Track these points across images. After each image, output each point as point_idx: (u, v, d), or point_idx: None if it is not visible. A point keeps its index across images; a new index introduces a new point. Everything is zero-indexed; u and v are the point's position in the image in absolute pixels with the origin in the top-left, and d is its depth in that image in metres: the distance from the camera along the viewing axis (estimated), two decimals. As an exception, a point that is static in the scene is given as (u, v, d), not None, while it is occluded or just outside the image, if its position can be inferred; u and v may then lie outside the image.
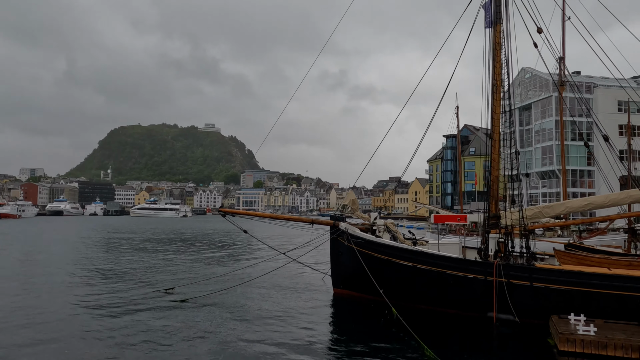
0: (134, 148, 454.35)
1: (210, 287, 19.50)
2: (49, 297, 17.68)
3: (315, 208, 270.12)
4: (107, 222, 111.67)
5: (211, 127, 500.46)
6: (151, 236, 56.70)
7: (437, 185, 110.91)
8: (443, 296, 15.27)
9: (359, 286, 17.72)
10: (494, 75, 17.44)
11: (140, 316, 14.76)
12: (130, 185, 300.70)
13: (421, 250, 15.77)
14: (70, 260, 29.48)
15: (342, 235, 17.85)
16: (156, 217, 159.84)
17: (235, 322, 14.27)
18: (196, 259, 31.02)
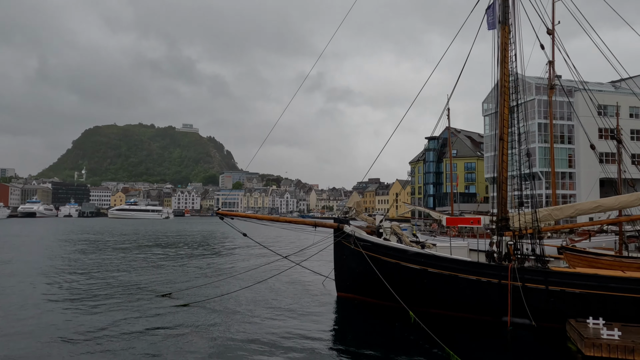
0: (109, 148, 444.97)
1: (209, 291, 18.83)
2: (37, 304, 16.72)
3: (296, 209, 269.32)
4: (84, 224, 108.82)
5: (189, 128, 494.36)
6: (138, 239, 55.25)
7: (419, 187, 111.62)
8: (455, 300, 14.97)
9: (365, 290, 17.33)
10: (501, 76, 17.23)
11: (140, 322, 14.01)
12: (106, 186, 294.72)
13: (433, 254, 15.45)
14: (55, 264, 28.27)
15: (347, 239, 17.41)
16: (137, 219, 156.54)
17: (242, 328, 13.67)
18: (190, 262, 30.10)
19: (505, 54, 16.92)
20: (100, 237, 56.63)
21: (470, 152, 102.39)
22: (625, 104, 65.23)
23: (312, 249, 18.60)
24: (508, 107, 17.50)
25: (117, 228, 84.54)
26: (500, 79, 17.33)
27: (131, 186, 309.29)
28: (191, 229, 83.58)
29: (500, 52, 17.08)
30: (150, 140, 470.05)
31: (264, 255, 33.47)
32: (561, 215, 16.50)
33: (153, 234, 65.54)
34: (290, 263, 19.27)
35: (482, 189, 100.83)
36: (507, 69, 17.10)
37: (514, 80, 16.67)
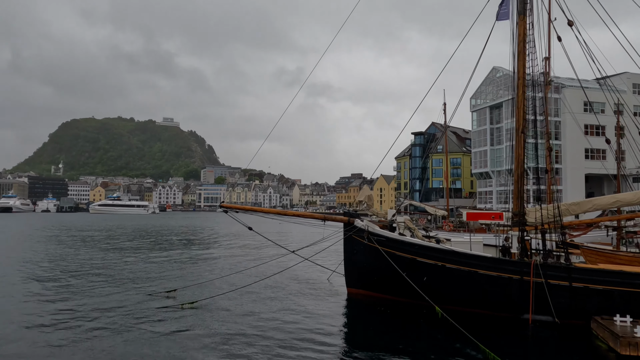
0: (87, 142, 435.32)
1: (214, 289, 18.14)
2: (38, 304, 15.81)
3: (279, 204, 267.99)
4: (66, 219, 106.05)
5: (170, 122, 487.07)
6: (130, 235, 53.88)
7: (405, 182, 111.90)
8: (474, 297, 14.62)
9: (378, 286, 16.88)
10: (519, 68, 16.88)
11: (149, 322, 13.27)
12: (85, 180, 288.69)
13: (452, 249, 15.06)
14: (45, 263, 27.14)
15: (359, 233, 16.91)
16: (122, 214, 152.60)
17: (252, 327, 13.06)
18: (192, 258, 29.18)
19: (523, 45, 16.54)
20: (89, 234, 55.08)
21: (455, 148, 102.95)
22: (610, 101, 66.14)
23: (319, 244, 18.05)
24: (524, 99, 17.07)
25: (103, 224, 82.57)
26: (518, 70, 16.93)
27: (110, 181, 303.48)
28: (185, 224, 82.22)
29: (517, 43, 16.69)
30: (130, 134, 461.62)
31: (268, 249, 32.89)
32: (579, 210, 16.29)
33: (145, 230, 64.10)
34: (297, 258, 18.66)
35: (468, 184, 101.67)
36: (525, 60, 16.70)
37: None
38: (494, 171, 71.84)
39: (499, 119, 71.45)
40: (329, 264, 21.88)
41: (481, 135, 74.64)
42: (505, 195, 71.88)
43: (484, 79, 73.58)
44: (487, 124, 72.48)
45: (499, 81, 70.95)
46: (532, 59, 16.17)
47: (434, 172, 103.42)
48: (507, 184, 63.56)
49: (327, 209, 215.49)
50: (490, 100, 72.67)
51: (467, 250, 15.18)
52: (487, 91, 73.47)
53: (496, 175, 71.69)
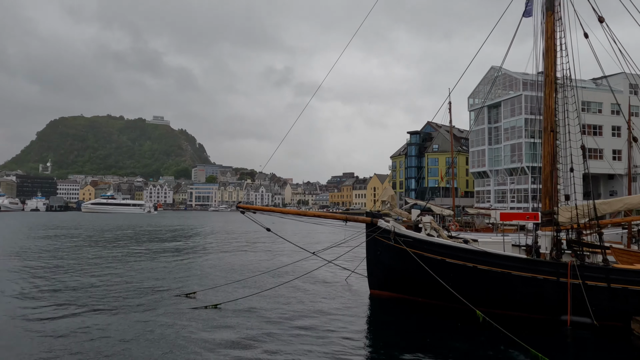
0: (76, 140, 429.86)
1: (236, 291, 17.67)
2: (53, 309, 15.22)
3: (271, 203, 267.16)
4: (60, 218, 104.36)
5: (160, 120, 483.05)
6: (134, 234, 53.04)
7: (401, 181, 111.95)
8: (508, 298, 14.34)
9: (404, 288, 16.56)
10: (546, 65, 16.63)
11: (175, 325, 12.78)
12: (74, 179, 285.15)
13: (484, 250, 14.75)
14: (50, 263, 26.42)
15: (383, 234, 16.55)
16: (117, 213, 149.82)
17: (283, 330, 12.65)
18: (207, 260, 28.47)
19: (551, 42, 16.28)
20: (87, 233, 54.16)
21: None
22: (607, 101, 66.56)
23: (339, 245, 17.69)
24: (553, 97, 16.83)
25: (102, 223, 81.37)
26: (545, 67, 16.67)
27: (100, 179, 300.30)
28: (187, 224, 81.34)
29: (545, 39, 16.43)
30: (119, 132, 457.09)
31: (285, 251, 32.45)
32: (609, 209, 16.10)
33: (147, 230, 63.23)
34: (317, 259, 18.26)
35: (463, 183, 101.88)
36: (553, 57, 16.45)
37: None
38: (492, 170, 72.00)
39: (497, 118, 71.64)
40: (349, 264, 21.54)
41: (479, 135, 74.79)
42: (503, 194, 72.15)
43: (482, 79, 73.73)
44: (485, 124, 72.64)
45: (497, 80, 71.11)
46: (562, 56, 15.84)
47: (430, 171, 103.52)
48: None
49: (319, 208, 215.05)
50: (488, 99, 72.82)
51: (499, 251, 14.89)
52: (485, 90, 73.61)
53: (494, 175, 71.85)
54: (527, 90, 64.92)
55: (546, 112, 16.97)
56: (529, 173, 64.80)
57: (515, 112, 66.55)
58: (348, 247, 17.90)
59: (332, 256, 19.82)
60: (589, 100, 65.84)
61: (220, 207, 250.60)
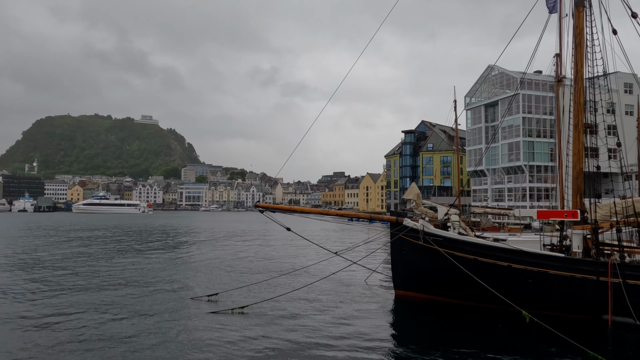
0: (62, 140, 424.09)
1: (259, 293, 17.17)
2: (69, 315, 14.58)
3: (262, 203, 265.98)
4: (52, 219, 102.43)
5: (148, 119, 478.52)
6: (136, 234, 52.06)
7: (395, 180, 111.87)
8: (545, 298, 14.02)
9: (434, 288, 16.17)
10: (576, 61, 16.35)
11: (202, 328, 12.26)
12: (62, 179, 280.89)
13: (519, 249, 14.41)
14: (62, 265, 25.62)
15: (411, 233, 16.15)
16: (111, 214, 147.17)
17: (313, 333, 12.25)
18: (224, 261, 27.79)
19: (580, 38, 16.01)
20: (93, 234, 53.07)
21: (446, 146, 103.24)
22: (602, 100, 66.94)
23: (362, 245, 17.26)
24: (582, 95, 16.55)
25: (101, 223, 79.97)
26: (575, 64, 16.38)
27: (88, 179, 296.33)
28: (187, 224, 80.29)
29: (575, 35, 16.15)
30: (107, 131, 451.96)
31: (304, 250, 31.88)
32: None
33: (148, 230, 62.19)
34: (341, 260, 17.84)
35: (458, 181, 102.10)
36: (582, 53, 16.17)
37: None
38: (489, 169, 72.11)
39: (494, 117, 71.76)
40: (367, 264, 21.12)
41: (476, 134, 74.88)
42: (500, 193, 72.31)
43: (478, 77, 73.79)
44: (482, 122, 72.71)
45: (494, 79, 71.22)
46: (594, 52, 15.56)
47: (425, 170, 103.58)
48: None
49: (312, 207, 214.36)
50: (485, 98, 72.91)
51: (535, 250, 14.56)
52: (482, 89, 73.68)
53: (491, 173, 71.97)
54: (525, 89, 65.06)
55: (576, 109, 16.66)
56: (526, 172, 64.96)
57: (512, 111, 66.68)
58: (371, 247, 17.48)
59: (353, 256, 19.43)
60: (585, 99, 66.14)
61: (211, 207, 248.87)
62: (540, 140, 65.54)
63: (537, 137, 65.70)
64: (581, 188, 16.37)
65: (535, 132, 65.67)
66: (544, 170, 65.84)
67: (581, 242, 15.12)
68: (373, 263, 21.39)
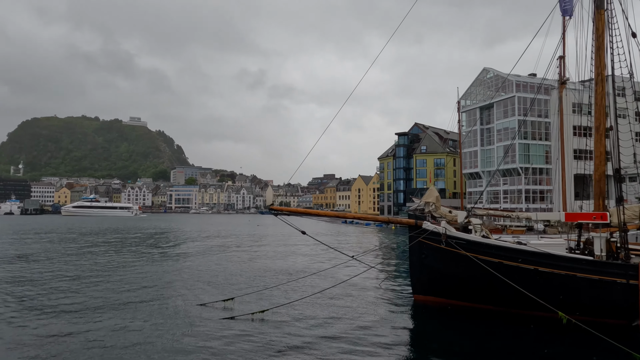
0: (49, 141, 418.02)
1: (275, 298, 16.79)
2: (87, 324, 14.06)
3: (252, 205, 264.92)
4: (45, 222, 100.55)
5: (137, 121, 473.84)
6: (140, 238, 51.16)
7: (389, 183, 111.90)
8: (572, 302, 13.82)
9: (456, 293, 15.93)
10: (596, 64, 16.24)
11: (220, 334, 11.86)
12: (49, 181, 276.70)
13: (547, 252, 14.22)
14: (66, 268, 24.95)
15: (431, 237, 15.89)
16: (102, 217, 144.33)
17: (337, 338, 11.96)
18: (234, 264, 27.33)
19: (602, 41, 15.92)
20: (96, 238, 52.05)
21: (439, 148, 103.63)
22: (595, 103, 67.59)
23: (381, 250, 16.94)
24: (604, 97, 16.44)
25: (102, 227, 78.65)
26: (596, 66, 16.29)
27: (76, 181, 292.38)
28: (186, 227, 79.29)
29: (596, 38, 16.06)
30: (95, 133, 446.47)
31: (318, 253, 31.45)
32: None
33: (150, 233, 61.24)
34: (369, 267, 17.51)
35: (451, 184, 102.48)
36: (603, 56, 16.08)
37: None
38: (485, 171, 72.38)
39: (489, 119, 72.08)
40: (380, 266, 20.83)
41: (471, 136, 75.14)
42: (495, 195, 72.60)
43: (474, 80, 74.11)
44: (478, 125, 72.99)
45: (489, 82, 71.58)
46: (619, 54, 15.46)
47: (418, 173, 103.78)
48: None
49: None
50: (480, 101, 73.23)
51: (564, 253, 14.38)
52: (476, 92, 74.01)
53: (486, 176, 72.24)
54: (520, 92, 65.44)
55: (597, 112, 16.53)
56: (522, 174, 65.30)
57: (508, 114, 67.03)
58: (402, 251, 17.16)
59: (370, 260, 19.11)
60: (579, 102, 66.61)
61: (201, 209, 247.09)
62: (535, 142, 65.95)
63: (532, 139, 66.10)
64: (603, 191, 16.26)
65: (531, 135, 66.07)
66: (539, 173, 66.26)
67: (604, 245, 15.00)
68: (387, 266, 21.10)
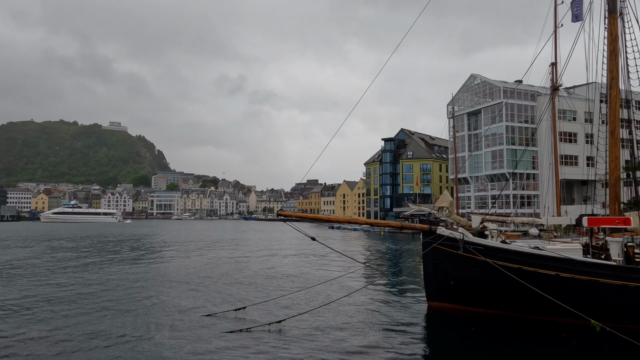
0: (25, 146, 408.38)
1: (289, 306, 16.29)
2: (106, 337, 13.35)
3: (236, 211, 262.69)
4: (30, 229, 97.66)
5: (116, 126, 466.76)
6: (136, 246, 49.76)
7: (376, 188, 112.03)
8: (595, 308, 13.65)
9: (473, 300, 15.65)
10: (610, 68, 16.26)
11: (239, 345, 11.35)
12: (26, 187, 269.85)
13: (569, 258, 14.03)
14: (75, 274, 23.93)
15: (447, 242, 15.62)
16: (85, 223, 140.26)
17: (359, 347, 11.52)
18: (237, 271, 26.56)
19: (615, 45, 15.94)
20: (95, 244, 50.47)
21: (425, 154, 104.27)
22: (580, 109, 68.82)
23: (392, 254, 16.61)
24: (618, 101, 16.45)
25: (81, 234, 76.49)
26: (610, 71, 16.30)
27: (54, 187, 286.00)
28: (175, 233, 77.68)
29: (609, 43, 16.07)
30: (73, 138, 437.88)
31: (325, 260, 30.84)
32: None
33: (143, 241, 59.73)
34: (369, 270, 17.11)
35: (437, 189, 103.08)
36: (617, 60, 16.10)
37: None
38: (472, 177, 72.92)
39: (476, 125, 72.73)
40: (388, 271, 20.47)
41: (459, 142, 75.66)
42: (483, 201, 73.18)
43: (461, 86, 74.77)
44: (465, 130, 73.58)
45: (477, 88, 72.27)
46: (636, 58, 15.47)
47: (404, 178, 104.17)
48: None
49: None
50: (467, 107, 73.87)
51: (587, 259, 14.23)
52: (464, 98, 74.66)
53: (474, 181, 72.77)
54: (507, 98, 66.18)
55: (612, 116, 16.51)
56: (510, 179, 65.94)
57: (496, 120, 67.73)
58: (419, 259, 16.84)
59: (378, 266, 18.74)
60: (565, 109, 67.76)
61: (184, 215, 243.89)
62: (522, 148, 66.70)
63: (519, 145, 66.87)
64: (619, 195, 16.23)
65: (518, 140, 66.84)
66: (526, 178, 67.02)
67: (621, 250, 14.93)
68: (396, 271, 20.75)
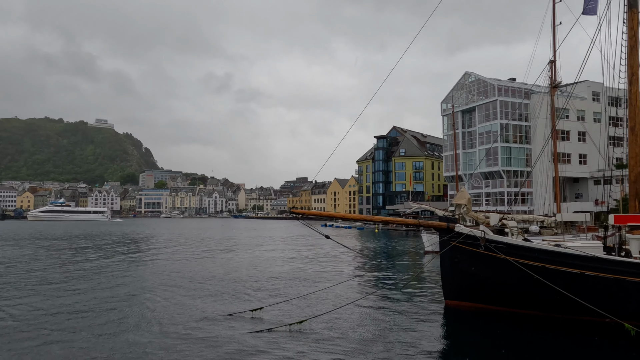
0: (9, 144, 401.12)
1: (306, 307, 15.91)
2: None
3: (225, 209, 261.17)
4: (21, 227, 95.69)
5: (103, 123, 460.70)
6: (134, 244, 48.82)
7: (368, 186, 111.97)
8: (620, 307, 13.49)
9: (492, 298, 15.43)
10: (630, 63, 16.10)
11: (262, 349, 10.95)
12: (10, 185, 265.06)
13: (593, 255, 13.84)
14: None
15: (467, 240, 15.38)
16: (74, 222, 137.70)
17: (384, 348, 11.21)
18: (249, 270, 25.99)
19: (635, 40, 15.79)
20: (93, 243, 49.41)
21: (417, 152, 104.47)
22: (573, 108, 69.36)
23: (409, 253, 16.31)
24: (638, 96, 16.29)
25: (75, 232, 75.07)
26: (630, 66, 16.13)
27: (39, 185, 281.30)
28: (174, 231, 76.60)
29: (629, 37, 15.92)
30: (59, 135, 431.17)
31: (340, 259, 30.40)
32: None
33: (142, 239, 58.73)
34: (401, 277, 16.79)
35: (429, 187, 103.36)
36: (638, 56, 15.94)
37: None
38: (466, 174, 73.10)
39: (470, 123, 72.88)
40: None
41: (452, 139, 75.77)
42: (476, 198, 73.44)
43: (455, 84, 74.86)
44: (460, 128, 73.70)
45: (471, 86, 72.39)
46: None
47: (397, 176, 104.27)
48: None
49: (278, 214, 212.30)
50: (461, 104, 73.98)
51: (612, 257, 14.04)
52: (458, 95, 74.76)
53: (468, 178, 72.96)
54: (502, 96, 66.41)
55: (632, 112, 16.34)
56: (504, 177, 66.21)
57: (490, 117, 67.90)
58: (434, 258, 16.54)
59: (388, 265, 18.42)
60: (557, 107, 68.13)
61: (173, 213, 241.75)
62: (516, 145, 67.02)
63: (513, 142, 67.16)
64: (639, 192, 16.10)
65: (512, 138, 67.12)
66: (520, 175, 67.35)
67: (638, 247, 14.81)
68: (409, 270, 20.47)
